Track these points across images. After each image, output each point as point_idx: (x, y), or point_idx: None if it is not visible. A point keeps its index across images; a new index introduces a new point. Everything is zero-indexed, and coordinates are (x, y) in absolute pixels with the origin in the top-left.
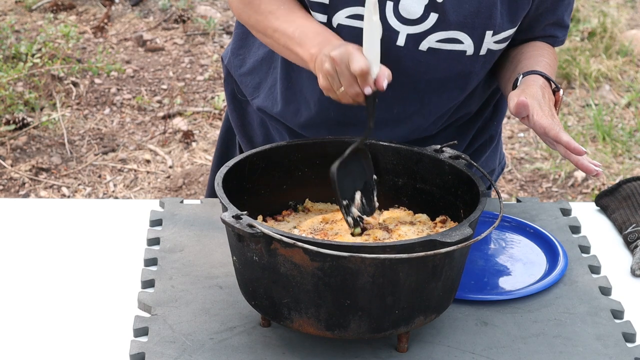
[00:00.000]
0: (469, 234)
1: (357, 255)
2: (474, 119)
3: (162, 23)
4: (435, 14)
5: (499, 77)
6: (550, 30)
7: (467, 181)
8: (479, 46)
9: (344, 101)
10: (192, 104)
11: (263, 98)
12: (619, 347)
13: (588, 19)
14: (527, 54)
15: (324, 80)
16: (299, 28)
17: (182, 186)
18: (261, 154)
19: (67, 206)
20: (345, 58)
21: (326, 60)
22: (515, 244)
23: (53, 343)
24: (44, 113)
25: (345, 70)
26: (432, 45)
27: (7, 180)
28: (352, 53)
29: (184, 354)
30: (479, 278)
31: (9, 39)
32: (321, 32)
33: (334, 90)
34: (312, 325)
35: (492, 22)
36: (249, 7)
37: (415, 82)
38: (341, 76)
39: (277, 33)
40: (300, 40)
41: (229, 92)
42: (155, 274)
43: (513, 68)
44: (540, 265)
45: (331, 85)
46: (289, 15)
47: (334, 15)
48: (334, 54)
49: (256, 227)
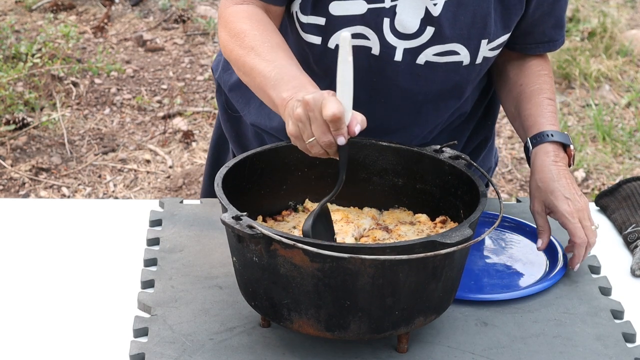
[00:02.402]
0: (469, 235)
1: (357, 257)
2: (467, 121)
3: (162, 23)
4: (432, 27)
5: (503, 102)
6: (550, 34)
7: (467, 181)
8: (475, 56)
9: (312, 152)
10: (192, 104)
11: (255, 114)
12: (619, 347)
13: (588, 19)
14: (528, 94)
15: (293, 127)
16: (276, 69)
17: (182, 186)
18: (261, 154)
19: (67, 206)
20: (318, 102)
21: (298, 105)
22: (515, 244)
23: (53, 343)
24: (44, 113)
25: (318, 116)
26: (429, 59)
27: (7, 180)
28: (326, 98)
29: (183, 355)
30: (478, 278)
31: (9, 39)
32: (298, 76)
33: (303, 139)
34: (312, 326)
35: (487, 31)
36: (234, 39)
37: (413, 95)
38: (313, 122)
39: (254, 72)
40: (275, 82)
41: (221, 104)
42: (155, 274)
43: (517, 111)
44: (540, 265)
45: (301, 133)
46: (270, 54)
47: (331, 36)
48: (308, 97)
49: (256, 228)
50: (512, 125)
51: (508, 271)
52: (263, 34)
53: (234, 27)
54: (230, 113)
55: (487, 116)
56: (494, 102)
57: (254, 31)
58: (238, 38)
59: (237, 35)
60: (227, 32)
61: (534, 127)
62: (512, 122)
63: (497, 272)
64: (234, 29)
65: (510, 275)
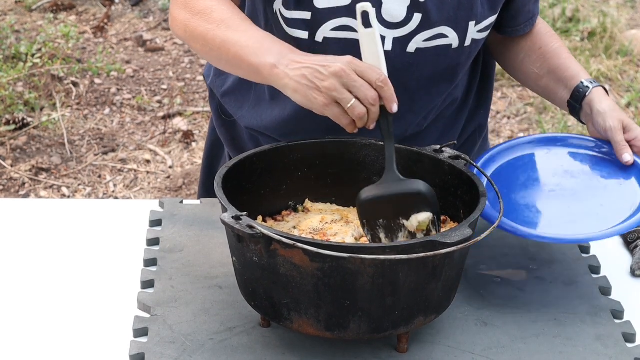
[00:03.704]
0: (469, 235)
1: (357, 256)
2: (460, 109)
3: (162, 23)
4: (419, 13)
5: (518, 70)
6: (533, 9)
7: (467, 181)
8: (464, 38)
9: (354, 114)
10: (192, 104)
11: (249, 117)
12: (619, 347)
13: (588, 19)
14: (552, 52)
15: (320, 96)
16: (253, 38)
17: (182, 186)
18: (261, 154)
19: (67, 206)
20: (351, 68)
21: (326, 77)
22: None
23: (53, 343)
24: (44, 113)
25: (357, 78)
26: (419, 46)
27: (7, 180)
28: (358, 64)
29: (183, 355)
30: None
31: (9, 39)
32: (278, 42)
33: (341, 105)
34: (312, 326)
35: (474, 13)
36: (199, 16)
37: (405, 83)
38: (352, 88)
39: (228, 43)
40: (255, 50)
41: (214, 110)
42: (155, 274)
43: (547, 69)
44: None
45: (334, 101)
46: (242, 25)
47: (318, 30)
48: (335, 67)
49: (256, 228)
50: (535, 85)
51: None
52: (230, 8)
53: (197, 5)
54: (225, 118)
55: (479, 103)
56: (485, 89)
57: (221, 6)
58: (204, 14)
59: (203, 12)
60: (187, 11)
61: (580, 74)
62: (537, 81)
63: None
64: (197, 6)
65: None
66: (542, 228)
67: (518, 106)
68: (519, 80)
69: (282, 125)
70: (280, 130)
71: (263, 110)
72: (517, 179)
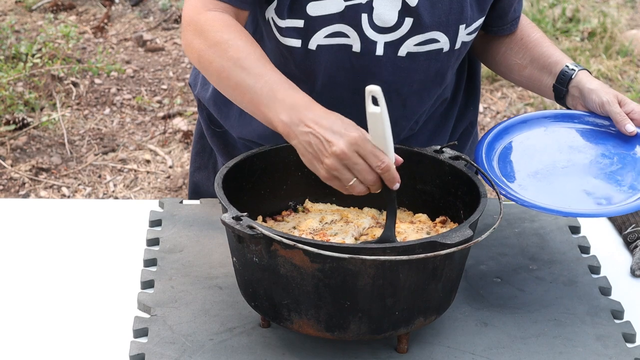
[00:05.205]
0: (469, 236)
1: (357, 257)
2: (450, 108)
3: (162, 23)
4: (410, 18)
5: (500, 63)
6: (518, 8)
7: (467, 182)
8: (454, 42)
9: (355, 192)
10: (192, 104)
11: (238, 126)
12: (619, 347)
13: (588, 19)
14: (534, 41)
15: (323, 171)
16: (266, 85)
17: (182, 186)
18: (261, 155)
19: (67, 206)
20: (353, 150)
21: (329, 155)
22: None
23: (53, 343)
24: (44, 113)
25: (358, 161)
26: (410, 50)
27: (7, 180)
28: (362, 146)
29: (183, 355)
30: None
31: (9, 39)
32: (290, 93)
33: (342, 183)
34: (312, 327)
35: (464, 16)
36: (214, 49)
37: (398, 88)
38: (352, 168)
39: (242, 87)
40: (268, 101)
41: (204, 120)
42: (154, 274)
43: (530, 58)
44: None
45: (336, 178)
46: (257, 67)
47: (311, 38)
48: (337, 149)
49: (256, 228)
50: (518, 76)
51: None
52: (246, 44)
53: (214, 36)
54: (214, 129)
55: (468, 101)
56: (473, 85)
57: (238, 41)
58: (220, 48)
59: (219, 45)
60: (203, 39)
61: (563, 60)
62: (520, 72)
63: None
64: (213, 37)
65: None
66: (567, 203)
67: (518, 106)
68: (501, 73)
69: (275, 134)
70: (274, 140)
71: (251, 118)
72: (530, 157)
